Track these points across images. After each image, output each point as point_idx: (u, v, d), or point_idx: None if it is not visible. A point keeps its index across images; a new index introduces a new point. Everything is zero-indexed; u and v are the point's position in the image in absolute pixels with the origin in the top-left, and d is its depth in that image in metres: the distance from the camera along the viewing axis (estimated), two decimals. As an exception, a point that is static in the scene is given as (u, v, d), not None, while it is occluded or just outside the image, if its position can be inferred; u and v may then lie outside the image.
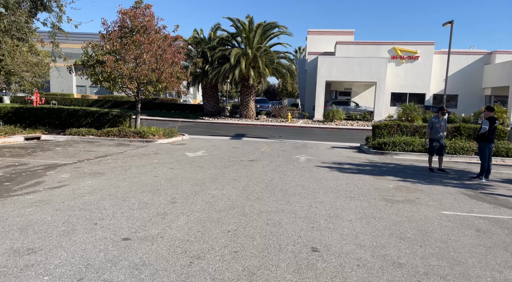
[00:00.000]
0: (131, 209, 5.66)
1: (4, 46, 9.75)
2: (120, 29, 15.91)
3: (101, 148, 12.60)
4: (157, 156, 11.37)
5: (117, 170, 8.78)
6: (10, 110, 17.02)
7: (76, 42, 37.15)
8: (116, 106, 37.70)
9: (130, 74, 14.96)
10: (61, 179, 7.50)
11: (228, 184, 7.67)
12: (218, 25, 31.47)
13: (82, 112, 16.98)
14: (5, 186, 6.69)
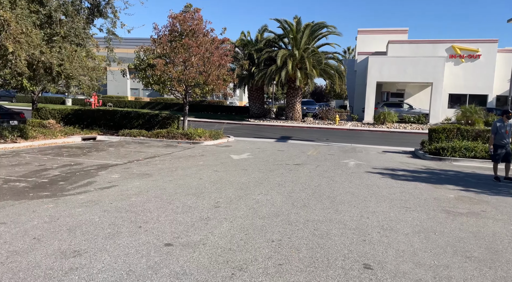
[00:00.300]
0: (175, 212, 5.60)
1: (64, 51, 10.30)
2: (170, 33, 16.33)
3: (150, 149, 12.93)
4: (202, 157, 11.42)
5: (164, 171, 8.88)
6: (70, 112, 18.12)
7: (129, 47, 39.03)
8: (166, 108, 39.03)
9: (179, 77, 15.27)
10: (111, 179, 7.70)
11: (273, 189, 7.43)
12: (265, 27, 31.45)
13: (134, 114, 17.63)
14: (60, 185, 6.97)
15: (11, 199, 5.83)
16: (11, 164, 8.86)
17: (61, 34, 10.28)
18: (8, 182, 6.96)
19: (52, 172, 8.09)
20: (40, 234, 4.40)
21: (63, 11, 10.31)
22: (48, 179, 7.38)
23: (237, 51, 30.62)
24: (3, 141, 11.93)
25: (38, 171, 8.13)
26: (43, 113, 18.09)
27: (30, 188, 6.62)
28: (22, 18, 9.18)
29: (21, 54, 8.74)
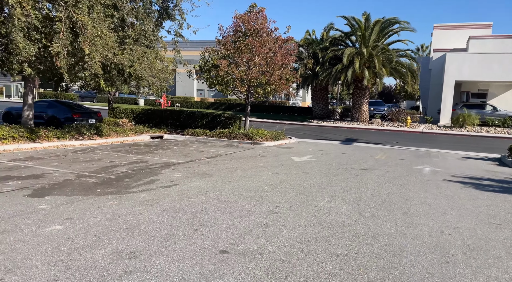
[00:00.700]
0: (232, 216, 5.36)
1: (134, 53, 10.75)
2: (234, 34, 16.41)
3: (212, 149, 13.03)
4: (263, 159, 11.17)
5: (224, 171, 8.77)
6: (141, 111, 19.12)
7: (194, 50, 40.48)
8: (229, 108, 39.77)
9: (241, 77, 15.24)
10: (173, 178, 7.76)
11: (337, 195, 6.88)
12: (331, 25, 30.47)
13: (198, 114, 18.04)
14: (125, 182, 7.15)
15: (80, 194, 6.07)
16: (86, 159, 9.40)
17: (132, 36, 10.74)
18: (80, 177, 7.31)
19: (120, 169, 8.40)
20: (101, 232, 4.42)
21: (135, 14, 10.75)
22: (116, 176, 7.64)
23: (301, 50, 30.07)
24: (81, 138, 12.85)
25: (107, 168, 8.50)
26: (117, 112, 19.31)
27: (98, 184, 6.87)
28: (98, 22, 9.72)
29: (96, 56, 9.25)
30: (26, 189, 6.12)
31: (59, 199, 5.66)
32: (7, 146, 10.22)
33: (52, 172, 7.59)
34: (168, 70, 19.07)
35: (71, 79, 10.36)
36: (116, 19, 10.61)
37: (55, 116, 15.41)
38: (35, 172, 7.54)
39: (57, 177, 7.17)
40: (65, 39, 9.29)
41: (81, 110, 16.36)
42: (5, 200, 5.46)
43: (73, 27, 9.45)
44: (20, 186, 6.33)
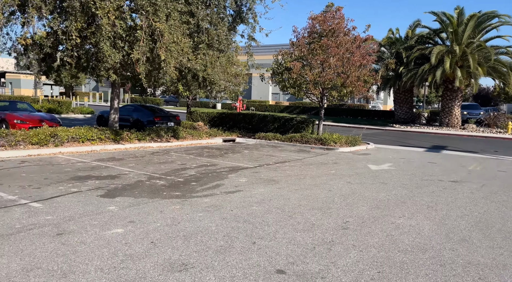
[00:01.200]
0: (294, 229, 4.93)
1: (207, 58, 10.93)
2: (309, 35, 15.93)
3: (282, 153, 12.69)
4: (335, 166, 10.48)
5: (291, 178, 8.35)
6: (216, 115, 19.63)
7: (266, 54, 40.69)
8: (303, 112, 39.16)
9: (315, 80, 14.67)
10: (238, 183, 7.58)
11: (419, 212, 6.01)
12: (417, 22, 28.16)
13: (270, 118, 17.88)
14: (191, 186, 7.16)
15: (147, 196, 6.18)
16: (160, 161, 9.76)
17: (205, 41, 10.92)
18: (151, 179, 7.52)
19: (189, 172, 8.50)
20: (158, 238, 4.34)
21: (208, 19, 10.92)
22: (183, 179, 7.72)
23: (382, 50, 28.28)
24: (160, 140, 13.51)
25: (178, 170, 8.67)
26: (194, 116, 20.10)
27: (166, 186, 6.97)
28: (174, 29, 10.06)
29: (171, 61, 9.57)
30: (101, 189, 6.42)
31: (127, 201, 5.80)
32: (95, 146, 11.11)
33: (127, 173, 7.95)
34: (241, 74, 19.30)
35: (149, 85, 10.91)
36: (192, 25, 10.89)
37: (139, 120, 16.52)
38: (113, 172, 7.96)
39: (130, 178, 7.46)
40: (144, 46, 9.78)
41: (162, 114, 17.32)
42: (80, 199, 5.75)
43: (152, 35, 9.90)
44: (97, 185, 6.68)
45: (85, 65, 10.99)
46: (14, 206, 5.21)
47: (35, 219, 4.71)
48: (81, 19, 9.72)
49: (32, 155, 9.38)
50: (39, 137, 9.93)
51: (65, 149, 10.27)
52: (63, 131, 10.66)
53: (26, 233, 4.24)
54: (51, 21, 9.65)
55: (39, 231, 4.31)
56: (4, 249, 3.74)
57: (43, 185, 6.49)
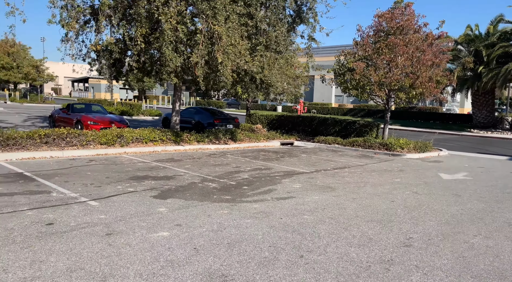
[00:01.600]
0: (348, 243, 4.48)
1: (264, 59, 10.78)
2: (374, 34, 15.06)
3: (342, 158, 12.06)
4: (401, 173, 9.65)
5: (350, 186, 7.80)
6: (274, 118, 19.45)
7: (326, 55, 39.54)
8: (368, 115, 37.40)
9: (380, 81, 13.77)
10: (291, 189, 7.25)
11: (499, 230, 5.18)
12: (500, 17, 25.36)
13: (331, 121, 17.22)
14: (243, 190, 7.00)
15: (197, 199, 6.13)
16: (215, 163, 9.80)
17: (263, 43, 10.77)
18: (204, 181, 7.52)
19: (242, 175, 8.38)
20: (202, 245, 4.21)
21: (267, 21, 10.76)
22: (236, 182, 7.60)
23: (459, 48, 25.89)
24: (218, 142, 13.67)
25: (231, 173, 8.59)
26: (253, 118, 20.14)
27: (217, 189, 6.89)
28: (232, 31, 10.07)
29: (228, 64, 9.57)
30: (155, 190, 6.54)
31: (178, 203, 5.80)
32: (157, 147, 11.54)
33: (182, 174, 8.05)
34: (301, 76, 18.90)
35: (207, 87, 11.05)
36: (250, 27, 10.83)
37: (200, 122, 16.95)
38: (169, 173, 8.12)
39: (184, 180, 7.53)
40: (203, 49, 9.91)
41: (222, 116, 17.60)
42: (134, 199, 5.88)
43: (211, 38, 10.00)
44: (152, 186, 6.82)
45: (149, 69, 11.49)
46: (74, 203, 5.47)
47: (89, 218, 4.87)
48: (145, 25, 10.16)
49: (100, 154, 9.99)
50: (107, 138, 10.56)
51: (129, 149, 10.80)
52: (129, 132, 11.23)
53: (79, 231, 4.37)
54: (119, 27, 10.21)
55: (91, 230, 4.42)
56: (56, 247, 3.86)
57: (103, 183, 6.79)
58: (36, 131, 9.22)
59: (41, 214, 4.89)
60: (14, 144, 8.74)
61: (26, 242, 3.95)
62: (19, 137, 8.84)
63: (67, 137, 9.78)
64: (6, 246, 3.82)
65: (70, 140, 9.83)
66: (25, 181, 6.63)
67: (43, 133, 9.28)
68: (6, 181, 6.59)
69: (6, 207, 5.11)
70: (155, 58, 11.34)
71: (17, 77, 39.68)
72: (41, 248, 3.82)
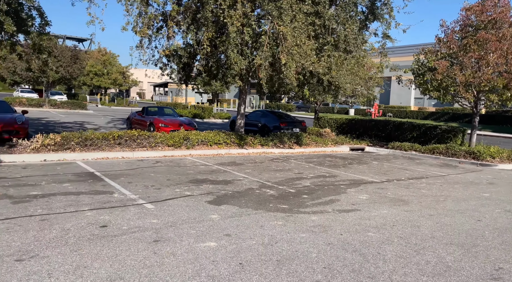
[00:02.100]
0: (420, 271, 3.79)
1: (332, 60, 10.16)
2: (461, 29, 13.50)
3: (419, 167, 10.88)
4: (490, 187, 8.32)
5: (427, 200, 6.87)
6: (344, 121, 18.50)
7: (403, 55, 36.66)
8: (453, 119, 34.01)
9: (467, 81, 12.21)
10: (356, 200, 6.60)
11: None
12: None
13: (408, 125, 15.80)
14: (302, 199, 6.54)
15: (252, 206, 5.84)
16: (277, 168, 9.46)
17: (331, 42, 10.17)
18: (262, 187, 7.22)
19: (303, 182, 7.91)
20: (248, 260, 3.87)
21: (336, 19, 10.15)
22: (296, 190, 7.16)
23: None
24: (282, 146, 13.32)
25: (292, 179, 8.17)
26: (322, 122, 19.41)
27: (274, 197, 6.54)
28: (298, 31, 9.66)
29: (292, 65, 9.18)
30: (211, 195, 6.40)
31: (231, 210, 5.57)
32: (221, 150, 11.59)
33: (241, 179, 7.85)
34: (375, 77, 17.72)
35: (271, 90, 10.77)
36: (318, 27, 10.31)
37: (266, 125, 16.76)
38: (229, 177, 7.98)
39: (242, 185, 7.31)
40: (267, 51, 9.66)
41: (288, 119, 17.21)
42: (189, 204, 5.79)
43: (276, 39, 9.72)
44: (209, 190, 6.71)
45: (215, 72, 11.59)
46: (131, 205, 5.54)
47: (142, 222, 4.85)
48: (212, 28, 10.24)
49: (167, 155, 10.29)
50: (174, 140, 10.87)
51: (194, 151, 10.99)
52: (195, 135, 11.44)
53: (128, 236, 4.34)
54: (188, 32, 10.44)
55: (140, 235, 4.36)
56: (103, 252, 3.84)
57: (163, 185, 6.86)
58: (110, 133, 9.81)
59: (99, 215, 5.00)
60: (91, 144, 9.39)
61: (77, 244, 4.00)
62: (96, 138, 9.48)
63: (138, 139, 10.25)
64: (58, 247, 3.90)
65: (140, 142, 10.29)
66: (94, 181, 6.98)
67: (116, 135, 9.85)
68: (78, 180, 7.00)
69: (70, 206, 5.34)
70: (222, 62, 11.40)
71: (107, 83, 43.90)
72: (89, 252, 3.82)
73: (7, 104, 11.60)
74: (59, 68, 24.38)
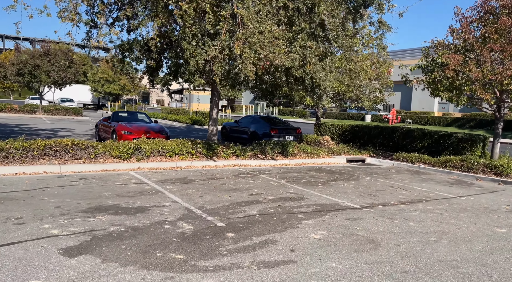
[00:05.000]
0: None
1: (307, 51, 8.13)
2: (479, 17, 11.14)
3: (423, 185, 8.63)
4: (510, 217, 6.03)
5: (410, 240, 4.73)
6: (347, 128, 16.26)
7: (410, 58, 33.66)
8: (481, 126, 30.82)
9: (484, 78, 9.84)
10: (302, 242, 4.55)
11: None
12: None
13: (417, 133, 13.42)
14: (222, 239, 4.55)
15: (124, 259, 3.90)
16: (233, 187, 7.50)
17: (306, 29, 8.16)
18: (182, 220, 5.28)
19: (250, 209, 5.91)
20: None
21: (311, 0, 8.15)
22: (227, 223, 5.18)
23: None
24: (263, 157, 11.33)
25: (239, 204, 6.19)
26: (322, 129, 17.25)
27: (182, 238, 4.59)
28: (262, 16, 7.74)
29: (249, 56, 7.23)
30: (87, 234, 4.49)
31: (84, 267, 3.65)
32: (182, 162, 9.75)
33: (167, 205, 5.94)
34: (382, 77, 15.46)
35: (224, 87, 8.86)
36: (291, 11, 8.34)
37: (256, 132, 14.83)
38: (151, 202, 6.06)
39: (157, 215, 5.39)
40: (223, 41, 7.78)
41: (281, 126, 15.19)
42: (30, 253, 3.95)
43: (233, 25, 7.83)
44: (94, 226, 4.78)
45: (174, 69, 9.79)
46: None
47: None
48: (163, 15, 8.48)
49: (106, 170, 8.54)
50: (120, 151, 9.12)
51: (146, 164, 9.19)
52: (148, 144, 9.66)
53: None
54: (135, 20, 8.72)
55: None
56: None
57: (38, 217, 5.04)
58: (34, 143, 8.14)
59: None
60: (7, 156, 7.74)
61: None
62: (13, 148, 7.82)
63: (72, 150, 8.55)
64: None
65: (75, 152, 8.59)
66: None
67: (42, 144, 8.17)
68: None
69: None
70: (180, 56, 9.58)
71: (116, 89, 43.16)
72: None
73: None
74: (52, 72, 23.42)
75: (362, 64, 13.49)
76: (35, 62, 22.66)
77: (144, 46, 9.42)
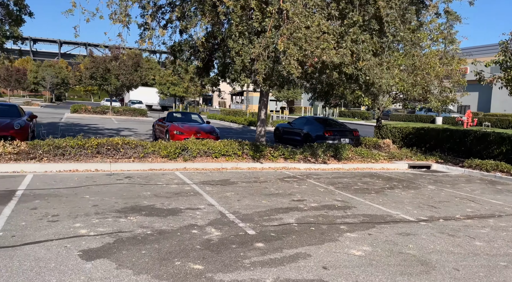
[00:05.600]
0: None
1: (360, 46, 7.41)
2: None
3: (498, 197, 7.44)
4: None
5: (473, 263, 3.92)
6: (411, 131, 14.91)
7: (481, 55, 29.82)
8: None
9: None
10: (339, 259, 3.98)
11: None
12: None
13: (494, 137, 11.79)
14: (249, 250, 4.17)
15: (139, 266, 3.70)
16: (275, 192, 7.08)
17: (359, 23, 7.46)
18: (212, 225, 5.00)
19: (287, 217, 5.45)
20: None
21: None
22: (259, 231, 4.78)
23: None
24: (314, 160, 10.74)
25: (277, 210, 5.75)
26: (383, 131, 16.04)
27: (207, 246, 4.29)
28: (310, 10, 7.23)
29: (294, 52, 6.76)
30: (113, 236, 4.41)
31: (98, 271, 3.51)
32: (228, 163, 9.56)
33: (201, 208, 5.72)
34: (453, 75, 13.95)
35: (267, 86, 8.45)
36: (343, 3, 7.72)
37: (309, 134, 14.24)
38: (186, 204, 5.89)
39: (189, 218, 5.18)
40: (268, 37, 7.41)
41: (336, 128, 14.41)
42: (51, 253, 3.91)
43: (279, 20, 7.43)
44: (123, 227, 4.72)
45: (221, 69, 9.64)
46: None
47: None
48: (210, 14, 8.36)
49: (153, 169, 8.64)
50: (168, 151, 9.19)
51: (192, 165, 9.15)
52: (195, 144, 9.62)
53: None
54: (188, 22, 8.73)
55: None
56: None
57: (73, 215, 5.09)
58: (88, 141, 8.50)
59: None
60: (63, 154, 8.16)
61: None
62: (69, 146, 8.23)
63: (122, 149, 8.79)
64: None
65: (125, 152, 8.82)
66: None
67: (95, 143, 8.50)
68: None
69: None
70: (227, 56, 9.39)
71: (180, 91, 45.07)
72: None
73: (17, 109, 11.25)
74: (120, 76, 25.06)
75: (430, 60, 12.24)
76: (106, 66, 24.46)
77: (193, 47, 9.41)
